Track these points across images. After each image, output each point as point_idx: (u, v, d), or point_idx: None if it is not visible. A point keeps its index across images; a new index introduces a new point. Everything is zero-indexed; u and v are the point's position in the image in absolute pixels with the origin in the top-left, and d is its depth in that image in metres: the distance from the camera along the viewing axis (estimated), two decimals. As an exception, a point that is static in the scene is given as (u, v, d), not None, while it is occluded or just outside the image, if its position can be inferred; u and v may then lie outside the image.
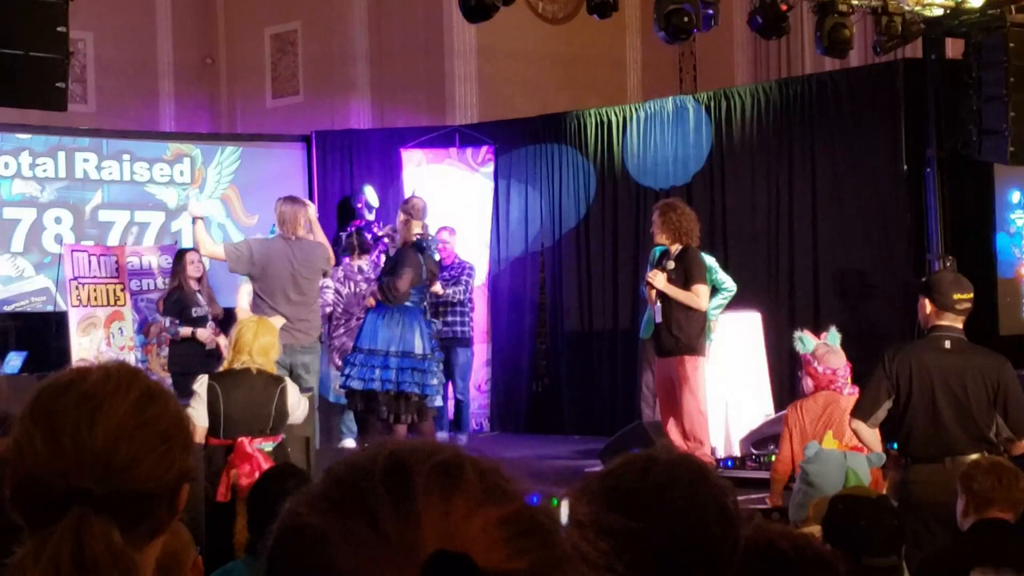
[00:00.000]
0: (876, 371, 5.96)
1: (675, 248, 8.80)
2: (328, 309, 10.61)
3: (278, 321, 7.85)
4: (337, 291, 10.75)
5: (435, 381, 9.35)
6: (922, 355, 5.95)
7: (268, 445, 6.46)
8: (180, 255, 10.80)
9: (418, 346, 9.26)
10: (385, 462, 1.03)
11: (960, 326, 5.96)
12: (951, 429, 5.81)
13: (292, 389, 6.68)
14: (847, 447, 6.24)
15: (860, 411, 5.94)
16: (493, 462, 1.06)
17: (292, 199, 9.33)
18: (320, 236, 9.37)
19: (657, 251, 8.95)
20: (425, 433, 9.37)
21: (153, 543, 1.62)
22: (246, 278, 9.26)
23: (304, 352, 8.89)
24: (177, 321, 10.32)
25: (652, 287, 8.77)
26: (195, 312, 10.34)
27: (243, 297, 9.60)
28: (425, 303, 9.77)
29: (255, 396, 6.50)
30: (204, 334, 10.29)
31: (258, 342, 6.53)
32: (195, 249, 10.98)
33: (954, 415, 5.82)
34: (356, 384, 9.30)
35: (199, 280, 10.60)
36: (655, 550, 1.76)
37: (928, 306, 5.97)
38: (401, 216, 9.60)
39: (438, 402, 9.95)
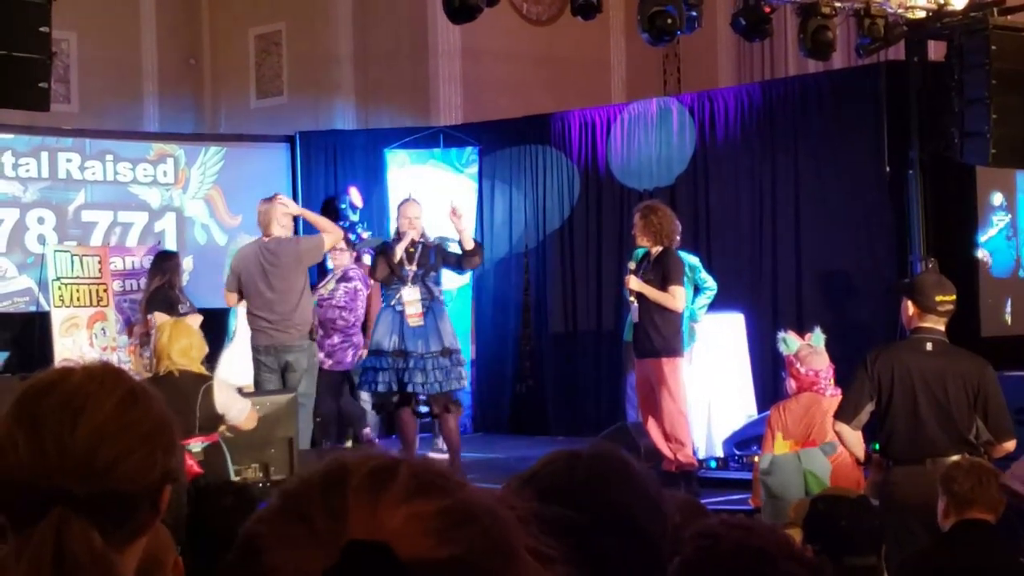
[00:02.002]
0: (858, 373, 5.98)
1: (656, 250, 8.81)
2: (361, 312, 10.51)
3: (195, 320, 7.82)
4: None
5: (464, 374, 9.44)
6: (904, 357, 5.97)
7: (197, 445, 6.38)
8: (169, 256, 10.85)
9: (448, 341, 9.26)
10: (324, 470, 1.07)
11: (942, 328, 5.99)
12: (932, 431, 5.83)
13: (220, 388, 6.58)
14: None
15: (843, 413, 5.96)
16: (432, 465, 1.09)
17: (266, 199, 9.39)
18: (320, 223, 9.40)
19: (638, 253, 8.96)
20: (452, 427, 9.35)
21: (135, 544, 1.62)
22: None
23: (288, 351, 8.90)
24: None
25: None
26: (181, 309, 10.36)
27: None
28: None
29: (177, 399, 6.45)
30: None
31: (175, 345, 6.49)
32: (178, 252, 11.07)
33: (935, 417, 5.84)
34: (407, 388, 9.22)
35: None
36: (587, 545, 1.79)
37: (911, 308, 5.99)
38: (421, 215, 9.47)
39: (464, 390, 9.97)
